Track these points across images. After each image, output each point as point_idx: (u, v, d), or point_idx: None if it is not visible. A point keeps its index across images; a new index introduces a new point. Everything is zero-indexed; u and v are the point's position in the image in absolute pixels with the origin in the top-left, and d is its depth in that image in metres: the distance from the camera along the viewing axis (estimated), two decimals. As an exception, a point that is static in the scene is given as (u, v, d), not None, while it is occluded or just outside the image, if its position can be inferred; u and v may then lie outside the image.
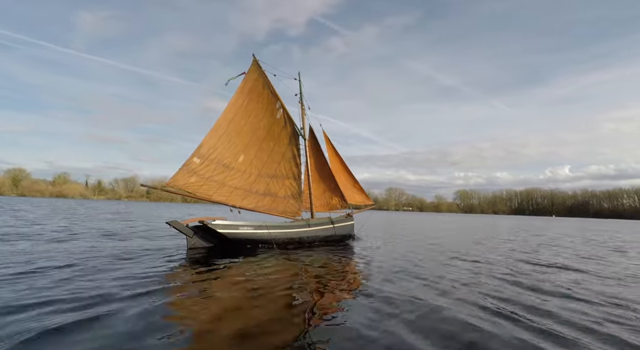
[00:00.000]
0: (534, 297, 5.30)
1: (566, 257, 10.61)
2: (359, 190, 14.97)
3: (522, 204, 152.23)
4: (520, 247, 13.28)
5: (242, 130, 11.06)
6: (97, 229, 14.07)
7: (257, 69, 11.48)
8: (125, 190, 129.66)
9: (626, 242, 17.87)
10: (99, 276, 5.58)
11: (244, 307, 4.35)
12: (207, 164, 10.22)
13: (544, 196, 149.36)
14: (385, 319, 3.98)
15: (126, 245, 9.44)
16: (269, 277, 6.13)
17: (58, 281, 5.12)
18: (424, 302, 4.77)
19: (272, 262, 7.69)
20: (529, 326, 3.92)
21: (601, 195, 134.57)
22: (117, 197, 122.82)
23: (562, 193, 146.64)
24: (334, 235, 12.13)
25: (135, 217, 23.45)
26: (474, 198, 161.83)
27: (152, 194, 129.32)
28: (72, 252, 7.88)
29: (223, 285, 5.51)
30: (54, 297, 4.30)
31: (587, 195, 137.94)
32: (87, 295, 4.44)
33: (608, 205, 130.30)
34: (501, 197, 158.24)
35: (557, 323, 4.10)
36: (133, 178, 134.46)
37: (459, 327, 3.81)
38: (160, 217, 25.41)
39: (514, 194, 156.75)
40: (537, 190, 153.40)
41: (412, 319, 4.03)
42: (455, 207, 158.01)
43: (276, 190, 11.62)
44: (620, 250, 13.85)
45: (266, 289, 5.24)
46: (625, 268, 8.91)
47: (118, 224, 17.35)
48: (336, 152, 14.04)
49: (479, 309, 4.55)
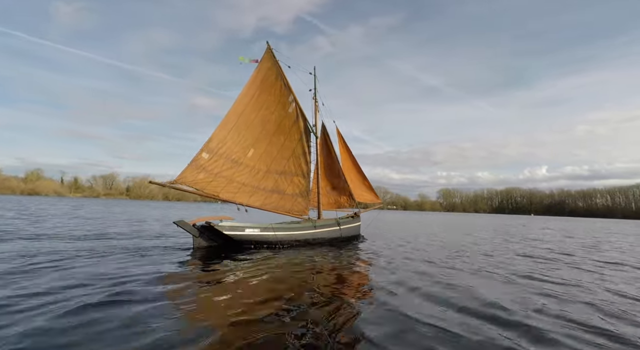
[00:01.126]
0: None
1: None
2: (368, 188, 14.75)
3: (502, 203, 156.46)
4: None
5: (252, 123, 10.53)
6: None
7: (270, 58, 10.89)
8: (103, 188, 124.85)
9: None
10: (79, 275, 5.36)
11: (247, 306, 4.21)
12: (216, 159, 9.75)
13: (523, 195, 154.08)
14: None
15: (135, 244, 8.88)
16: (272, 275, 6.05)
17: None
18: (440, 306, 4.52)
19: (276, 262, 7.54)
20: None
21: (576, 194, 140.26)
22: (94, 195, 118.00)
23: (540, 192, 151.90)
24: (340, 237, 11.85)
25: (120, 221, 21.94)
26: (456, 197, 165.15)
27: (132, 192, 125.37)
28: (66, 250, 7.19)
29: (226, 284, 5.40)
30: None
31: (563, 194, 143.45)
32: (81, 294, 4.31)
33: (583, 204, 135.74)
34: (482, 196, 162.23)
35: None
36: (112, 175, 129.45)
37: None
38: (153, 217, 24.02)
39: (495, 193, 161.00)
40: (517, 189, 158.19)
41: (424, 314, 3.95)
42: (438, 206, 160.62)
43: (284, 188, 11.19)
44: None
45: (269, 287, 5.18)
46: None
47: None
48: (348, 150, 13.73)
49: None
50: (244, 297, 4.59)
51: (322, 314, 4.03)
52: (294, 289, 5.17)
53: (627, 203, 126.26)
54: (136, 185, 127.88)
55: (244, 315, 3.85)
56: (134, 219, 19.84)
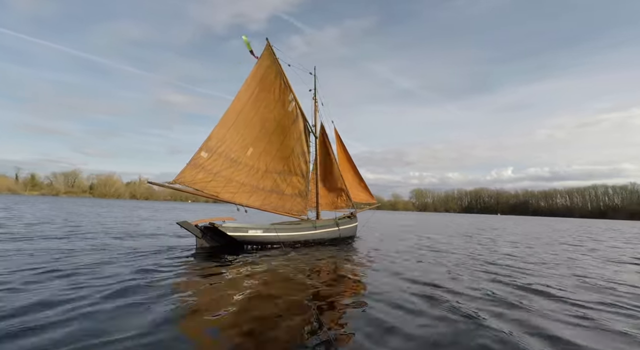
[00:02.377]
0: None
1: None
2: (364, 188, 14.91)
3: (472, 202, 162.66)
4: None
5: (251, 121, 10.31)
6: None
7: (270, 55, 10.66)
8: (65, 185, 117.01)
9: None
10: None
11: (248, 305, 4.23)
12: (215, 158, 9.50)
13: (491, 195, 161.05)
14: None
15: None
16: (275, 276, 6.05)
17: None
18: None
19: (278, 262, 7.48)
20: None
21: (539, 195, 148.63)
22: (54, 193, 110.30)
23: (506, 193, 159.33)
24: (339, 238, 12.09)
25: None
26: (428, 197, 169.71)
27: (96, 190, 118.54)
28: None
29: (229, 283, 5.36)
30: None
31: (527, 195, 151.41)
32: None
33: (544, 204, 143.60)
34: (453, 196, 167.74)
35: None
36: (74, 172, 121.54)
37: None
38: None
39: (464, 194, 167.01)
40: (485, 190, 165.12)
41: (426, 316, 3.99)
42: (410, 205, 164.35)
43: (283, 188, 11.06)
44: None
45: (272, 288, 5.15)
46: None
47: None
48: (345, 150, 13.80)
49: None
50: (247, 297, 4.57)
51: (324, 314, 3.99)
52: (296, 289, 5.16)
53: (584, 203, 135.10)
54: (101, 182, 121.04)
55: (245, 314, 3.83)
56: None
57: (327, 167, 12.74)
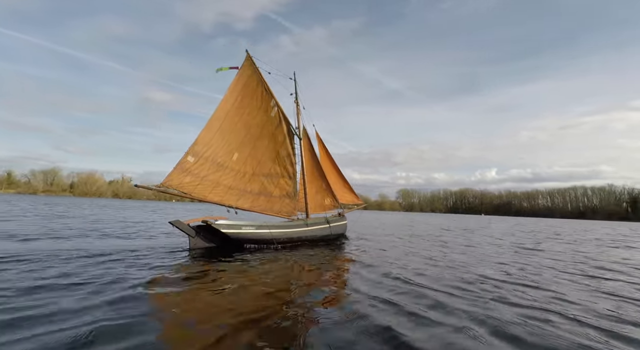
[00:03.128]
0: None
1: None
2: (349, 190, 15.18)
3: (457, 203, 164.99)
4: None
5: (235, 127, 10.59)
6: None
7: (251, 65, 11.03)
8: (44, 184, 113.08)
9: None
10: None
11: (240, 305, 4.23)
12: (202, 163, 9.68)
13: (475, 196, 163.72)
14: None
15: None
16: (269, 276, 6.06)
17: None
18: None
19: (271, 262, 7.58)
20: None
21: (521, 195, 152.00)
22: (31, 191, 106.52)
23: (490, 193, 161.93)
24: (330, 235, 12.37)
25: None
26: (414, 197, 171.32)
27: (77, 189, 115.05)
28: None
29: (222, 283, 5.37)
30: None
31: (510, 196, 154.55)
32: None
33: (527, 204, 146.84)
34: (439, 196, 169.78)
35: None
36: (54, 170, 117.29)
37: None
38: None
39: (450, 194, 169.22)
40: (470, 190, 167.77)
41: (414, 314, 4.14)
42: (397, 205, 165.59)
43: (271, 190, 11.25)
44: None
45: (266, 288, 5.16)
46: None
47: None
48: (327, 152, 14.02)
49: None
50: (241, 299, 4.56)
51: (318, 313, 4.08)
52: (289, 289, 5.22)
53: (564, 204, 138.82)
54: (82, 181, 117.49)
55: (240, 316, 3.82)
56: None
57: (313, 168, 12.95)
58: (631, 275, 7.62)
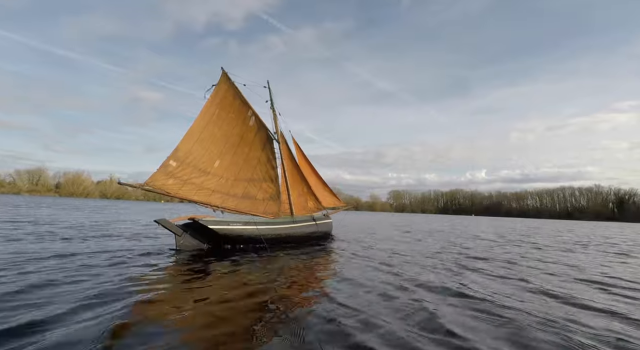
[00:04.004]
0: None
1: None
2: (330, 193, 15.52)
3: (447, 204, 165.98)
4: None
5: (215, 138, 10.98)
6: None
7: (226, 81, 11.55)
8: (29, 184, 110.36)
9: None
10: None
11: (221, 311, 4.13)
12: (184, 168, 9.97)
13: (466, 197, 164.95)
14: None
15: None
16: (257, 276, 6.14)
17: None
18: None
19: (260, 261, 7.67)
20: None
21: (511, 196, 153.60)
22: (15, 191, 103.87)
23: (480, 194, 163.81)
24: (317, 232, 12.53)
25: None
26: (405, 198, 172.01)
27: (63, 189, 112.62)
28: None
29: (208, 287, 5.24)
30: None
31: (500, 196, 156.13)
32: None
33: (516, 205, 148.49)
34: (429, 197, 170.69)
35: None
36: (39, 169, 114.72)
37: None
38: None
39: (440, 195, 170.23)
40: (460, 191, 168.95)
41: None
42: (388, 206, 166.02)
43: (254, 193, 11.53)
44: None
45: (252, 288, 5.22)
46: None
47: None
48: (305, 157, 14.25)
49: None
50: (228, 301, 4.55)
51: (302, 314, 4.14)
52: (277, 290, 5.22)
53: (553, 204, 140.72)
54: (68, 181, 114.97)
55: (226, 321, 3.80)
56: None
57: (293, 171, 13.19)
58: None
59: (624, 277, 7.69)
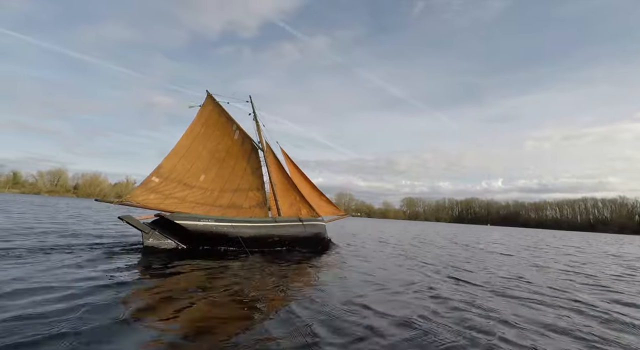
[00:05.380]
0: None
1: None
2: (327, 202, 14.66)
3: (462, 212, 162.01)
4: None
5: (200, 154, 11.16)
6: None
7: (211, 102, 11.95)
8: (50, 184, 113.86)
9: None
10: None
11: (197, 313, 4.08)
12: (167, 183, 10.04)
13: (481, 206, 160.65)
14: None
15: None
16: (227, 277, 5.93)
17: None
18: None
19: (235, 263, 7.39)
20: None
21: (529, 206, 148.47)
22: (35, 191, 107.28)
23: (497, 203, 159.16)
24: (304, 233, 11.51)
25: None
26: (419, 206, 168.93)
27: (80, 190, 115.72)
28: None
29: (178, 289, 5.01)
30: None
31: (518, 206, 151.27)
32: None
33: (534, 215, 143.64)
34: (444, 205, 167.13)
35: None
36: (60, 171, 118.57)
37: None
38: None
39: (455, 203, 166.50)
40: (476, 200, 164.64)
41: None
42: (401, 214, 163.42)
43: (241, 202, 11.52)
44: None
45: (228, 291, 5.06)
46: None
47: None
48: (296, 167, 14.03)
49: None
50: (190, 301, 4.42)
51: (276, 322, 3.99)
52: (253, 294, 5.04)
53: (574, 215, 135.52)
54: (86, 182, 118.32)
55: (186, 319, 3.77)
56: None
57: (283, 180, 12.93)
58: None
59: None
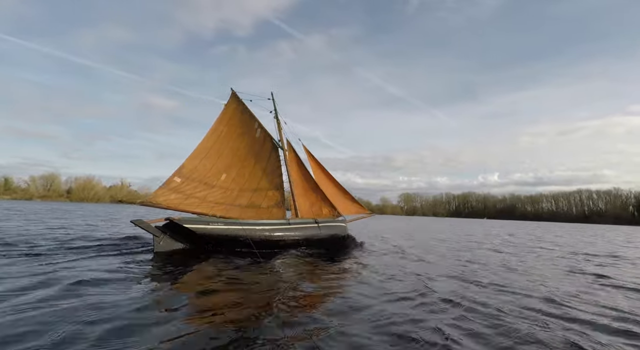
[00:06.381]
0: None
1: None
2: (352, 200, 14.26)
3: (459, 207, 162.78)
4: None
5: (222, 153, 11.20)
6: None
7: (235, 100, 11.88)
8: (42, 190, 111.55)
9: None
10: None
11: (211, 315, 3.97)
12: (188, 183, 10.14)
13: (478, 200, 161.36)
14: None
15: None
16: (237, 280, 5.85)
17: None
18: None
19: (244, 266, 7.25)
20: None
21: (525, 199, 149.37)
22: (27, 197, 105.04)
23: (493, 197, 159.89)
24: (319, 235, 11.10)
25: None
26: (416, 201, 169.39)
27: (74, 194, 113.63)
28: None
29: (189, 292, 4.99)
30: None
31: (514, 199, 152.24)
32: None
33: (531, 208, 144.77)
34: (441, 200, 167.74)
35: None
36: (53, 175, 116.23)
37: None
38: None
39: (452, 198, 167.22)
40: (473, 194, 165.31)
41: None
42: (399, 209, 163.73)
43: (259, 202, 11.50)
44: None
45: (237, 296, 4.88)
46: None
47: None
48: (320, 164, 13.69)
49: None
50: (209, 307, 4.35)
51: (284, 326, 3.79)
52: (257, 299, 4.87)
53: (569, 207, 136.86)
54: (79, 186, 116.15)
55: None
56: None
57: (302, 178, 12.75)
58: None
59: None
